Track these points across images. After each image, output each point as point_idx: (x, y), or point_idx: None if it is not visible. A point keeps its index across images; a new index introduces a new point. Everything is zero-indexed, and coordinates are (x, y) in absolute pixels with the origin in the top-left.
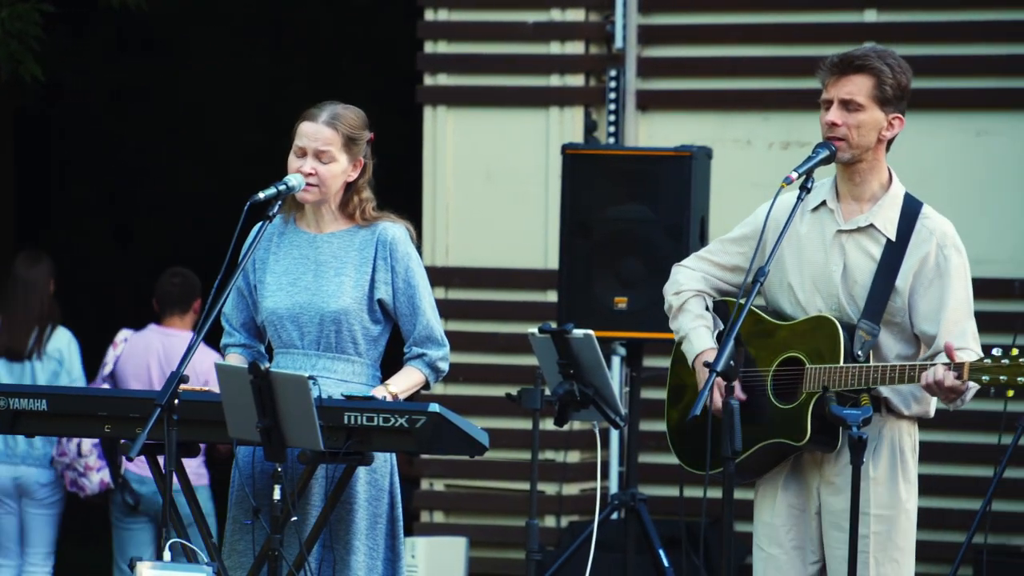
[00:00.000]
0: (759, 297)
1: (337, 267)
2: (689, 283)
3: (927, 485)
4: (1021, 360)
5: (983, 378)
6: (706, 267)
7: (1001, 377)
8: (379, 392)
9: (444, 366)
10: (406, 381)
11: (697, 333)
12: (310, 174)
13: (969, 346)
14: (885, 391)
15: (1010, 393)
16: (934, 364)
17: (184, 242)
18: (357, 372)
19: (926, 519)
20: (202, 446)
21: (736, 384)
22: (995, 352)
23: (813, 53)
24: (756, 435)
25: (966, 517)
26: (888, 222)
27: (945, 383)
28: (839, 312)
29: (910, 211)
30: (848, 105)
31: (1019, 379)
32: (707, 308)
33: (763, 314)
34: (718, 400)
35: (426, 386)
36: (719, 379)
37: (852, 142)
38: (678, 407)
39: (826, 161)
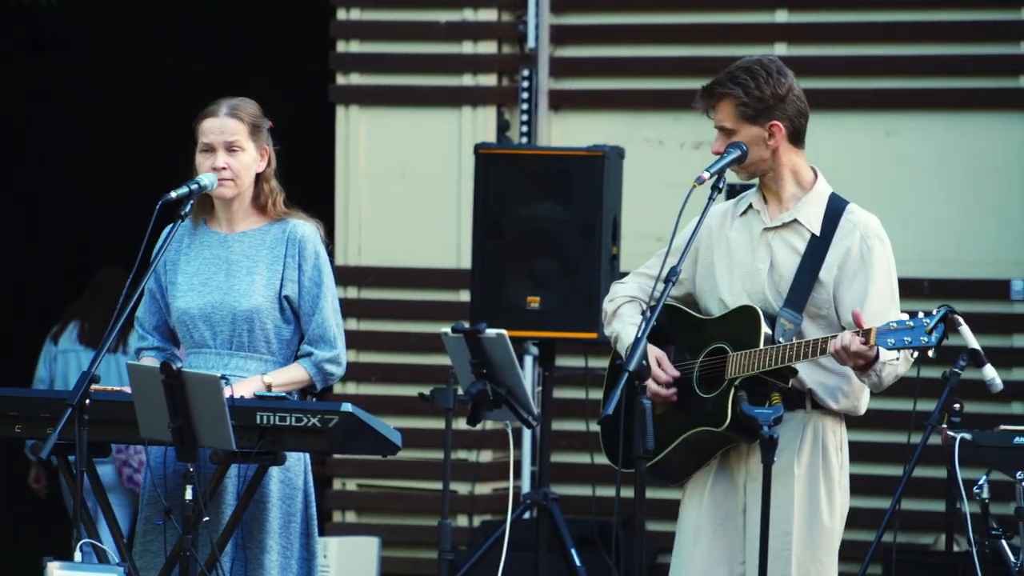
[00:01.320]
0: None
1: (249, 266)
2: (624, 291)
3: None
4: (926, 321)
5: (889, 340)
6: (644, 280)
7: (906, 337)
8: (255, 382)
9: (332, 369)
10: (285, 376)
11: (627, 331)
12: (223, 168)
13: None
14: (809, 383)
15: (914, 354)
16: (840, 335)
17: (96, 241)
18: (269, 371)
19: None
20: None
21: (649, 384)
22: (900, 316)
23: (725, 54)
24: (679, 427)
25: (875, 516)
26: (812, 217)
27: (851, 347)
28: (764, 305)
29: (835, 208)
30: (724, 131)
31: (923, 338)
32: (641, 312)
33: (692, 312)
34: (650, 387)
35: (313, 387)
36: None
37: (742, 162)
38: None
39: (738, 161)
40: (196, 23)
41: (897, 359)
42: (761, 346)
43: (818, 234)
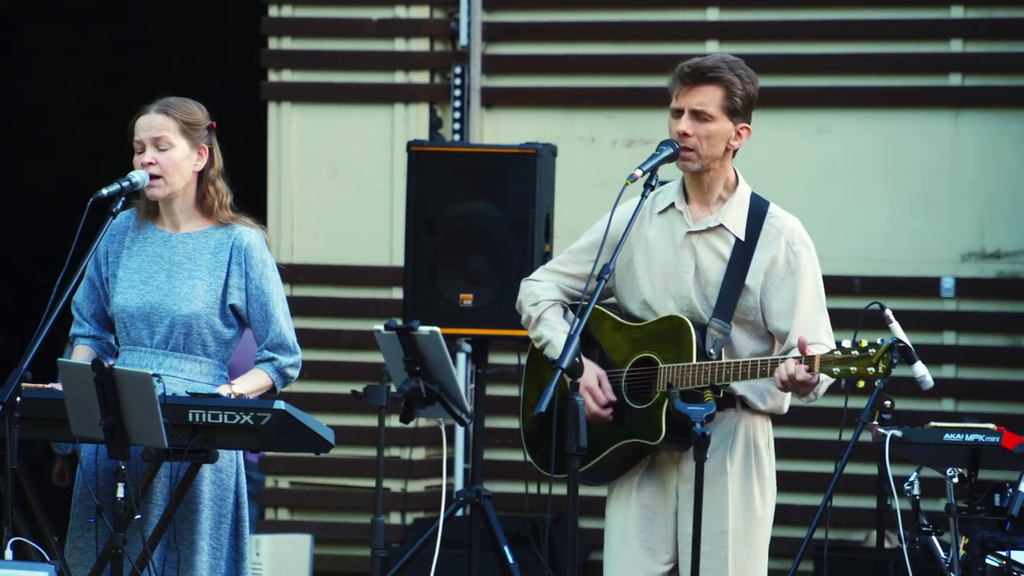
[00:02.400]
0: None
1: (191, 269)
2: (545, 293)
3: None
4: (871, 351)
5: (834, 370)
6: (557, 278)
7: (852, 368)
8: (223, 391)
9: (293, 373)
10: (251, 383)
11: (558, 338)
12: (150, 163)
13: (821, 340)
14: (740, 388)
15: (860, 384)
16: (785, 359)
17: (23, 238)
18: (204, 372)
19: None
20: None
21: (588, 402)
22: (845, 344)
23: (657, 52)
24: (611, 436)
25: (807, 512)
26: (736, 222)
27: (797, 377)
28: (691, 312)
29: (757, 210)
30: (699, 116)
31: (869, 369)
32: (565, 316)
33: (616, 316)
34: (593, 403)
35: (273, 390)
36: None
37: (702, 152)
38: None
39: (670, 159)
40: (126, 19)
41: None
42: (694, 359)
43: (743, 239)
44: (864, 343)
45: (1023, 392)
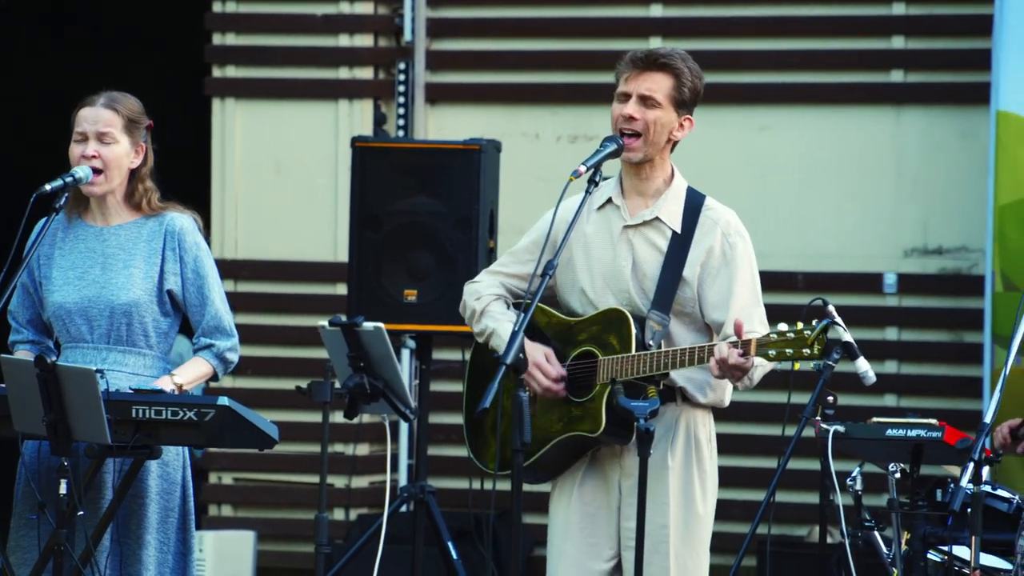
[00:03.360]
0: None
1: (125, 259)
2: (489, 290)
3: None
4: (806, 333)
5: (770, 353)
6: (499, 278)
7: (787, 350)
8: (164, 383)
9: (233, 357)
10: (193, 372)
11: (503, 327)
12: (93, 156)
13: (756, 330)
14: (680, 380)
15: (796, 366)
16: (719, 346)
17: None
18: (148, 365)
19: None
20: None
21: (539, 378)
22: (780, 328)
23: (601, 48)
24: (552, 431)
25: (750, 508)
26: (672, 215)
27: (729, 360)
28: (631, 306)
29: (693, 203)
30: (646, 101)
31: (804, 351)
32: (508, 308)
33: (556, 312)
34: (544, 377)
35: (214, 377)
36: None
37: (647, 139)
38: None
39: (614, 155)
40: (69, 12)
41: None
42: (633, 351)
43: (679, 231)
44: (799, 325)
45: (965, 388)
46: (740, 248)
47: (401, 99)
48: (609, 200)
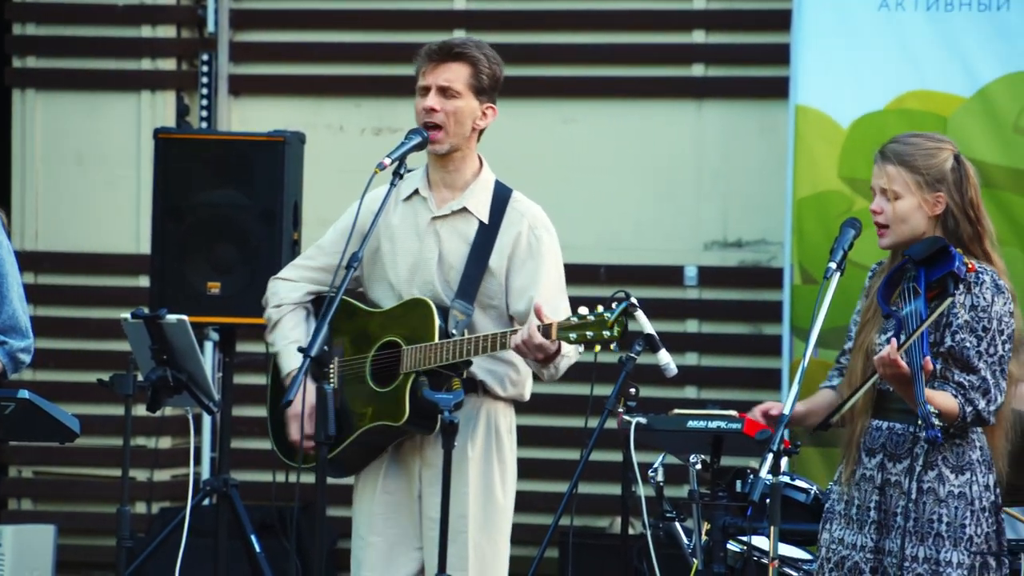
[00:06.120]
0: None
1: None
2: (289, 295)
3: (516, 468)
4: (606, 315)
5: (571, 336)
6: (306, 274)
7: (588, 333)
8: None
9: (25, 358)
10: None
11: (287, 350)
12: None
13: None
14: (480, 374)
15: (597, 348)
16: (521, 329)
17: None
18: None
19: (515, 502)
20: None
21: (330, 370)
22: (581, 311)
23: (406, 40)
24: (358, 422)
25: (553, 500)
26: (480, 205)
27: (534, 340)
28: (435, 297)
29: (501, 196)
30: (446, 92)
31: (605, 333)
32: (307, 317)
33: (360, 304)
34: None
35: (3, 375)
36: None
37: (450, 130)
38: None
39: (419, 147)
40: None
41: (582, 351)
42: (436, 340)
43: (486, 222)
44: (599, 308)
45: (764, 379)
46: (546, 241)
47: (204, 90)
48: (416, 192)
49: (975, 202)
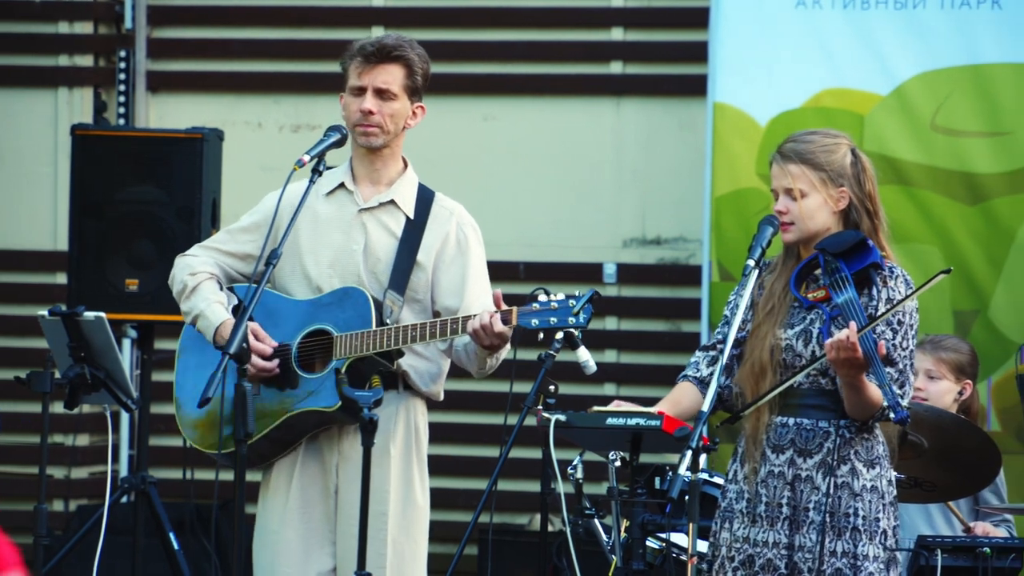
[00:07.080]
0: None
1: None
2: (203, 267)
3: (435, 466)
4: (571, 302)
5: (533, 321)
6: (215, 255)
7: (552, 319)
8: None
9: None
10: None
11: (212, 308)
12: None
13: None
14: (404, 366)
15: (559, 335)
16: (479, 314)
17: None
18: None
19: (434, 499)
20: None
21: (252, 359)
22: (542, 298)
23: (324, 37)
24: (282, 408)
25: (472, 497)
26: (407, 200)
27: (495, 327)
28: (361, 288)
29: (425, 196)
30: (383, 94)
31: (570, 319)
32: (222, 288)
33: (280, 292)
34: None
35: None
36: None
37: (386, 129)
38: (186, 389)
39: (338, 144)
40: None
41: (541, 338)
42: (373, 327)
43: (412, 218)
44: (563, 295)
45: None
46: (473, 239)
47: (122, 87)
48: (342, 185)
49: (872, 195)
